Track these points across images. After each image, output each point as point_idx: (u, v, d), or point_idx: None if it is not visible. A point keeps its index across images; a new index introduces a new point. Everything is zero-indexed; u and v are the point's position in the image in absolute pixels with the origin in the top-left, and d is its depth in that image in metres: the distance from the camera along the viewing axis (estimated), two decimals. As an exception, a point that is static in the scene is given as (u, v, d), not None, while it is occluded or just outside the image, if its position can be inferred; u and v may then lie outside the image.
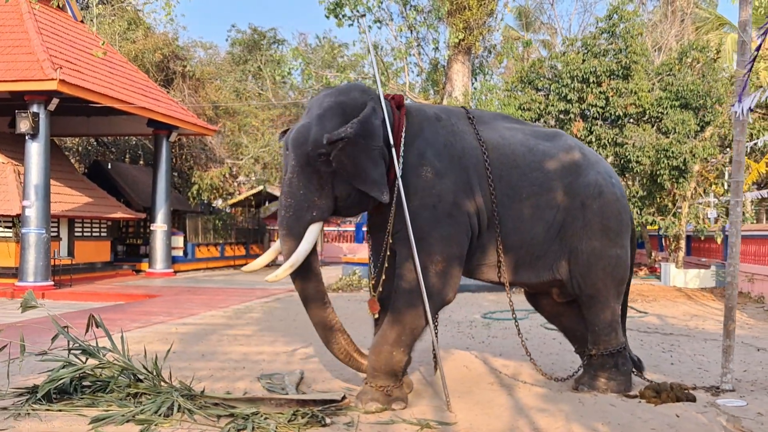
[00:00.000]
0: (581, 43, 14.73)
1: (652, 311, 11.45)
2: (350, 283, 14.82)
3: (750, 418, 4.81)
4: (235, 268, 23.21)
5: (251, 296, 13.36)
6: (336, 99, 5.02)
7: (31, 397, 4.90)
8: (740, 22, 5.66)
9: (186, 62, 22.19)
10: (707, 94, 13.95)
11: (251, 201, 23.67)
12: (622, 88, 13.74)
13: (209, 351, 7.28)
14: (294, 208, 4.90)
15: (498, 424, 4.59)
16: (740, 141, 5.67)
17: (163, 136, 18.92)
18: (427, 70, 17.19)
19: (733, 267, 5.70)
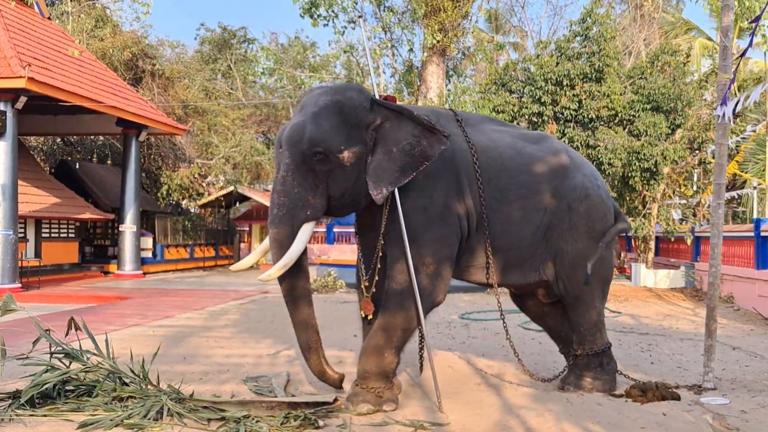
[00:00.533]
0: (555, 46, 14.89)
1: (625, 311, 11.62)
2: (326, 284, 14.79)
3: (734, 415, 4.90)
4: (205, 269, 23.03)
5: (225, 298, 13.25)
6: (332, 98, 4.98)
7: (14, 402, 4.78)
8: (722, 27, 5.77)
9: (155, 61, 21.88)
10: (678, 98, 14.21)
11: (221, 202, 23.47)
12: (595, 91, 13.92)
13: (190, 354, 7.19)
14: (288, 207, 4.85)
15: (489, 424, 4.61)
16: (722, 144, 5.77)
17: (132, 135, 18.66)
18: (401, 71, 17.20)
19: (715, 268, 5.81)
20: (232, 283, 17.17)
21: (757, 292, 11.37)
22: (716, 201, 5.78)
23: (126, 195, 18.61)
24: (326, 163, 4.83)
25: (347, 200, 5.02)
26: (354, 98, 5.04)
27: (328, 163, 4.84)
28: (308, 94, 5.40)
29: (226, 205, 24.25)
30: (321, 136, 4.80)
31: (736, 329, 9.63)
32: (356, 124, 4.95)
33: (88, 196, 19.56)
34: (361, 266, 5.40)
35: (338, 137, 4.84)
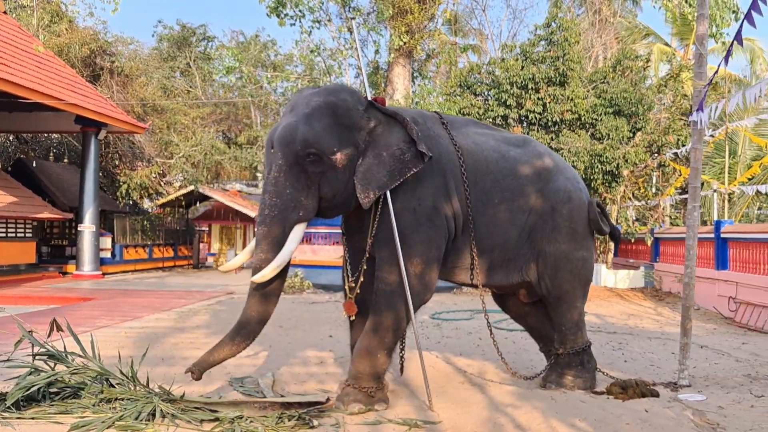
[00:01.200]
0: (520, 50, 15.10)
1: (589, 311, 11.80)
2: (292, 285, 14.73)
3: (713, 411, 5.07)
4: (164, 270, 22.73)
5: (191, 299, 13.10)
6: (325, 99, 5.00)
7: (0, 405, 4.69)
8: (698, 36, 5.96)
9: (114, 58, 21.49)
10: (639, 102, 14.55)
11: (181, 201, 23.18)
12: (559, 94, 14.17)
13: (168, 355, 7.12)
14: (279, 208, 4.83)
15: (479, 421, 4.69)
16: (698, 149, 5.97)
17: (91, 133, 18.32)
18: (367, 72, 17.23)
19: (690, 269, 6.01)
20: (195, 284, 16.99)
21: (717, 292, 11.73)
22: (692, 204, 5.98)
23: (85, 194, 18.27)
24: (319, 164, 4.84)
25: (338, 202, 5.04)
26: (347, 100, 5.06)
27: (321, 165, 4.85)
28: (298, 94, 5.39)
29: (186, 204, 23.95)
30: (314, 137, 4.82)
31: (700, 328, 9.91)
32: (349, 126, 4.97)
33: (44, 195, 19.12)
34: (347, 267, 5.42)
35: (331, 139, 4.86)
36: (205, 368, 4.90)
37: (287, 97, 24.03)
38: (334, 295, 13.81)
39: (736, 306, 10.97)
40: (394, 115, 5.10)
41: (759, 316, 10.31)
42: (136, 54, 25.03)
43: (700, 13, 5.95)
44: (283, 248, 4.83)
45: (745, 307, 10.66)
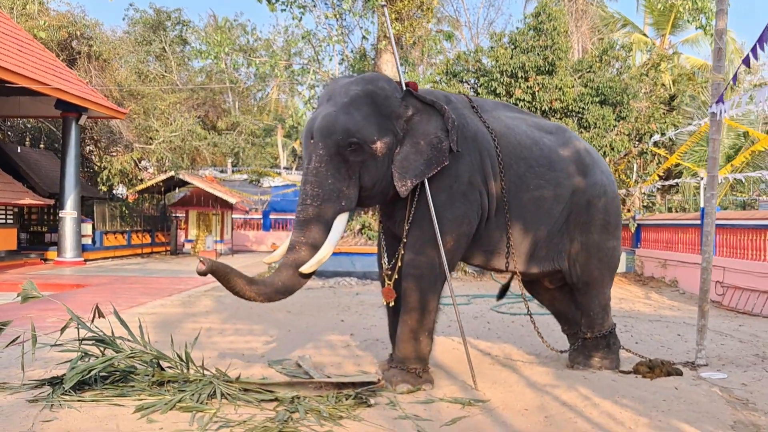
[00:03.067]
0: (508, 38, 15.32)
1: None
2: (284, 271, 14.75)
3: (737, 388, 5.36)
4: (143, 256, 22.56)
5: (187, 284, 13.11)
6: (364, 88, 5.06)
7: (57, 389, 4.76)
8: (717, 30, 6.20)
9: (92, 42, 21.15)
10: (624, 91, 14.90)
11: (161, 187, 22.99)
12: (547, 83, 14.43)
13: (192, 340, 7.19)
14: (322, 198, 4.89)
15: (526, 400, 4.90)
16: (715, 139, 6.24)
17: (72, 118, 18.10)
18: (353, 58, 17.29)
19: (708, 254, 6.29)
20: (181, 271, 16.94)
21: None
22: (710, 192, 6.25)
23: (66, 180, 18.06)
24: (359, 153, 4.91)
25: (377, 191, 5.13)
26: (386, 88, 5.14)
27: (362, 154, 4.92)
28: (334, 83, 5.42)
29: (164, 190, 23.77)
30: (355, 126, 4.88)
31: (691, 312, 10.27)
32: (388, 115, 5.05)
33: (23, 180, 18.83)
34: (383, 254, 5.54)
35: (371, 128, 4.93)
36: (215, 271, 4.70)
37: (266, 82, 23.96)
38: (327, 281, 13.92)
39: (723, 290, 11.40)
40: (432, 104, 5.19)
41: (747, 299, 10.74)
42: (111, 38, 24.66)
43: (720, 8, 6.19)
44: (327, 239, 4.92)
45: (732, 291, 11.09)
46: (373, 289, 12.72)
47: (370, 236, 15.71)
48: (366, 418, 4.39)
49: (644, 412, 4.61)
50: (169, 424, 4.23)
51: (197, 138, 21.12)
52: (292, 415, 4.35)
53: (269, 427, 4.10)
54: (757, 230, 10.87)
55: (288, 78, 17.44)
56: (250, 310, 9.52)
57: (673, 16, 20.55)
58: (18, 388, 4.99)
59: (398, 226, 5.32)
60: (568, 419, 4.44)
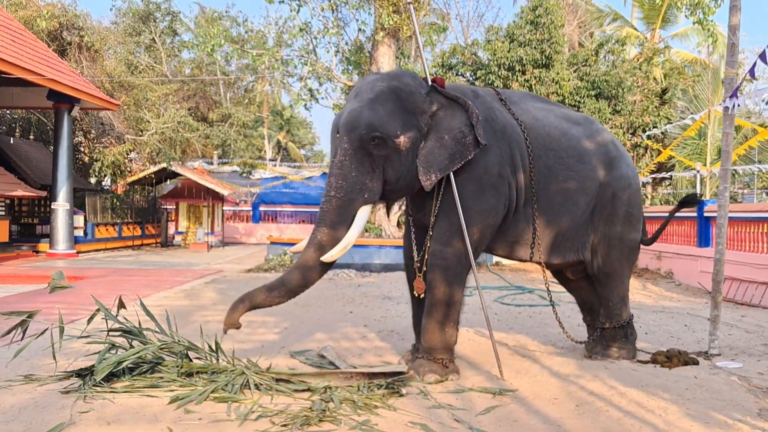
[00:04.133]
0: (505, 32, 15.39)
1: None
2: (282, 263, 14.79)
3: (754, 377, 5.47)
4: (133, 248, 22.47)
5: (186, 276, 13.11)
6: (389, 84, 5.14)
7: (88, 380, 4.77)
8: (731, 26, 6.28)
9: (84, 32, 20.95)
10: (619, 85, 15.03)
11: (152, 179, 22.87)
12: (544, 76, 14.53)
13: (206, 332, 7.20)
14: (345, 190, 4.98)
15: (554, 390, 4.97)
16: (729, 133, 6.34)
17: (64, 110, 17.96)
18: (349, 51, 17.30)
19: (721, 245, 6.39)
20: (176, 263, 16.91)
21: (700, 268, 12.32)
22: (723, 185, 6.35)
23: (58, 172, 17.93)
24: (383, 147, 5.00)
25: (402, 185, 5.20)
26: (410, 84, 5.21)
27: (385, 148, 5.01)
28: (362, 80, 5.51)
29: (156, 182, 23.65)
30: (378, 121, 4.97)
31: (692, 303, 10.47)
32: (412, 110, 5.13)
33: (15, 172, 18.66)
34: (413, 246, 5.60)
35: (395, 122, 5.02)
36: (241, 313, 5.04)
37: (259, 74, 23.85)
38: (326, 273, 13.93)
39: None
40: (456, 99, 5.25)
41: (745, 291, 10.90)
42: (102, 28, 24.44)
43: (733, 4, 6.27)
44: (350, 230, 5.01)
45: (730, 282, 11.25)
46: (373, 281, 12.78)
47: (366, 228, 15.74)
48: (400, 407, 4.44)
49: (671, 400, 4.70)
50: (207, 414, 4.26)
51: (190, 129, 21.00)
52: (327, 405, 4.39)
53: (309, 416, 4.14)
54: (755, 222, 11.03)
55: (281, 70, 17.40)
56: (256, 302, 9.54)
57: (663, 10, 20.70)
58: (46, 379, 5.01)
59: (428, 218, 5.38)
60: (599, 408, 4.51)
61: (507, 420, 4.27)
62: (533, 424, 4.20)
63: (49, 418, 4.15)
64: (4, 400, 4.53)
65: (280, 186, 31.60)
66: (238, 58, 17.14)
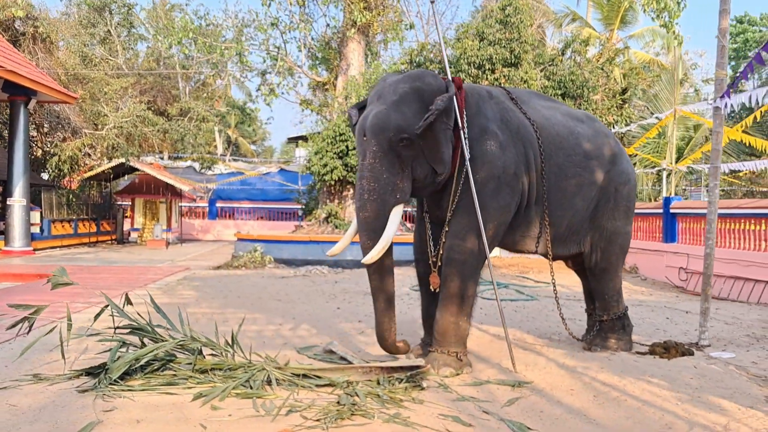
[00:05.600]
0: (475, 30, 15.53)
1: (546, 280, 12.54)
2: (254, 260, 14.67)
3: (749, 366, 5.69)
4: (89, 245, 21.96)
5: (155, 274, 12.89)
6: (412, 85, 5.20)
7: (104, 378, 4.68)
8: (721, 29, 6.50)
9: (38, 23, 20.33)
10: (584, 84, 15.34)
11: (109, 174, 22.37)
12: (513, 75, 14.73)
13: (201, 330, 7.12)
14: (378, 192, 5.02)
15: (567, 381, 5.08)
16: (719, 132, 6.57)
17: (20, 102, 17.46)
18: (317, 46, 17.22)
19: (711, 240, 6.62)
20: (139, 260, 16.62)
21: (666, 263, 12.70)
22: (713, 182, 6.58)
23: (14, 167, 17.43)
24: (411, 148, 5.06)
25: (429, 181, 5.26)
26: (432, 84, 5.28)
27: (413, 148, 5.07)
28: (382, 81, 5.50)
29: (112, 177, 23.14)
30: (406, 123, 5.01)
31: (663, 296, 10.78)
32: None
33: (-34, 167, 18.07)
34: (429, 242, 5.66)
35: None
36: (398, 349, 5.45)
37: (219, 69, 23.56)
38: (298, 270, 13.90)
39: (687, 276, 11.94)
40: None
41: (713, 284, 11.26)
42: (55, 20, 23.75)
43: (723, 8, 6.49)
44: (385, 230, 5.03)
45: (697, 276, 11.61)
46: (348, 278, 12.79)
47: (336, 225, 15.73)
48: (426, 400, 4.49)
49: (680, 389, 4.86)
50: (235, 410, 4.23)
51: (150, 124, 20.60)
52: (354, 399, 4.40)
53: (341, 411, 4.14)
54: (719, 219, 11.41)
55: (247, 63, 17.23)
56: (239, 300, 9.47)
57: (621, 11, 21.20)
58: (55, 378, 4.90)
59: (444, 214, 5.45)
60: (615, 398, 4.64)
61: (533, 411, 4.35)
62: (559, 414, 4.30)
63: (74, 417, 4.06)
64: (19, 401, 4.41)
65: (237, 182, 31.28)
66: (207, 53, 16.85)
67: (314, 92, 18.54)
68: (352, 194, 16.24)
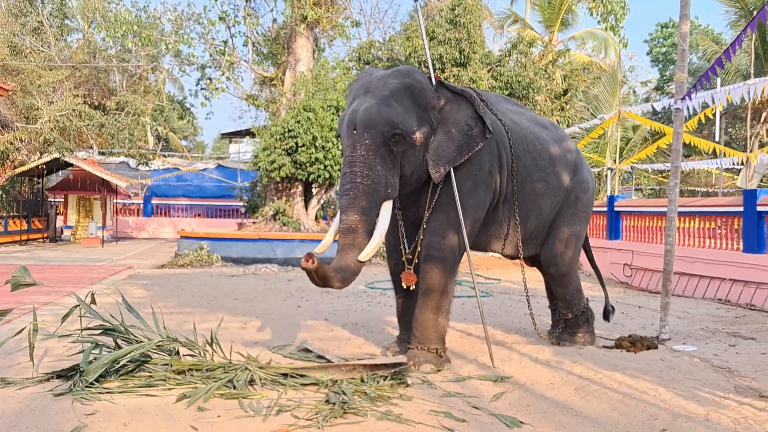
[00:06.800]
0: (425, 29, 15.62)
1: (503, 277, 12.76)
2: (200, 258, 14.38)
3: (711, 358, 5.90)
4: (21, 243, 21.15)
5: (98, 273, 12.55)
6: (402, 81, 5.19)
7: (80, 381, 4.51)
8: (681, 33, 6.71)
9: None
10: (529, 85, 15.62)
11: (42, 170, 21.56)
12: (462, 75, 14.88)
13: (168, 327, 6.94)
14: (373, 180, 4.92)
15: (546, 375, 5.15)
16: (679, 133, 6.79)
17: (-52, 93, 16.63)
18: (263, 41, 17.00)
19: (671, 237, 6.83)
20: (77, 258, 16.16)
21: (610, 259, 13.05)
22: (673, 180, 6.80)
23: (-58, 161, 16.61)
24: (402, 144, 5.05)
25: (414, 178, 5.27)
26: (421, 81, 5.31)
27: (404, 144, 5.06)
28: (368, 76, 5.44)
29: (45, 173, 22.31)
30: (398, 118, 5.00)
31: (611, 292, 11.02)
32: (424, 106, 5.23)
33: None
34: (403, 240, 5.65)
35: (412, 119, 5.10)
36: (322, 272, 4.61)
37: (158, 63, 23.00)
38: (247, 268, 13.70)
39: (631, 272, 12.31)
40: (462, 93, 5.40)
41: (650, 279, 11.67)
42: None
43: (683, 13, 6.70)
44: (376, 228, 4.96)
45: (642, 272, 12.00)
46: (300, 276, 12.66)
47: (284, 222, 15.58)
48: (415, 396, 4.49)
49: (655, 381, 4.99)
50: (222, 411, 4.13)
51: (87, 117, 19.92)
52: (343, 397, 4.36)
53: (333, 409, 4.10)
54: (661, 216, 11.80)
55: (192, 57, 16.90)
56: (194, 299, 9.28)
57: (561, 14, 21.68)
58: (23, 382, 4.69)
59: (422, 212, 5.46)
60: (596, 391, 4.73)
61: (520, 405, 4.41)
62: (547, 407, 4.36)
63: (55, 422, 3.89)
64: (-9, 406, 4.21)
65: (173, 178, 30.63)
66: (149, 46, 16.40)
67: (260, 88, 18.30)
68: (300, 191, 16.10)
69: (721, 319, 8.25)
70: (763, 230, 9.26)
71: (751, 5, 20.03)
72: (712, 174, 25.33)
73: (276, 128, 15.03)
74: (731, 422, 4.06)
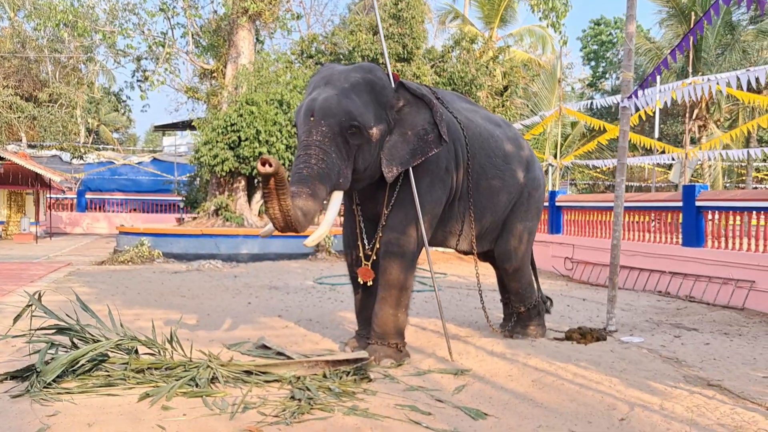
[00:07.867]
0: (368, 24, 15.62)
1: (449, 272, 12.92)
2: (141, 254, 14.08)
3: (660, 350, 6.13)
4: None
5: (36, 270, 12.17)
6: (363, 76, 5.22)
7: (37, 381, 4.39)
8: (628, 33, 6.92)
9: None
10: (471, 82, 15.82)
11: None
12: (405, 70, 14.95)
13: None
14: (327, 164, 4.86)
15: (503, 368, 5.27)
16: (625, 131, 7.00)
17: None
18: (203, 33, 16.70)
19: (618, 231, 7.05)
20: (13, 256, 15.65)
21: (551, 253, 13.37)
22: (620, 177, 7.01)
23: None
24: (358, 137, 5.05)
25: (367, 174, 5.27)
26: (382, 78, 5.35)
27: (359, 138, 5.06)
28: (329, 69, 5.43)
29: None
30: (357, 110, 5.02)
31: (554, 285, 11.34)
32: (383, 104, 5.25)
33: None
34: (362, 236, 5.68)
35: (370, 114, 5.11)
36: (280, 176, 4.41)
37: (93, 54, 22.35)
38: (191, 264, 13.48)
39: (572, 265, 12.63)
40: (422, 97, 5.41)
41: (592, 272, 12.00)
42: None
43: (630, 14, 6.91)
44: (327, 214, 5.03)
45: (583, 266, 12.33)
46: (246, 272, 12.56)
47: (227, 217, 15.39)
48: (379, 391, 4.53)
49: (608, 372, 5.17)
50: (187, 410, 4.09)
51: (18, 110, 19.24)
52: (308, 393, 4.37)
53: (301, 405, 4.11)
54: (602, 211, 12.17)
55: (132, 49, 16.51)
56: (140, 296, 9.11)
57: (501, 10, 22.00)
58: (-30, 383, 4.54)
59: (380, 209, 5.49)
60: (552, 382, 4.87)
61: (482, 397, 4.50)
62: (508, 399, 4.47)
63: (16, 424, 3.79)
64: (-58, 409, 4.06)
65: (107, 172, 29.86)
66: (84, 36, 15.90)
67: (200, 80, 17.99)
68: (243, 186, 15.92)
69: (663, 310, 8.55)
70: (701, 225, 9.63)
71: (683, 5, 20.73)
72: (645, 169, 26.16)
73: (218, 122, 14.81)
74: (685, 410, 4.24)
